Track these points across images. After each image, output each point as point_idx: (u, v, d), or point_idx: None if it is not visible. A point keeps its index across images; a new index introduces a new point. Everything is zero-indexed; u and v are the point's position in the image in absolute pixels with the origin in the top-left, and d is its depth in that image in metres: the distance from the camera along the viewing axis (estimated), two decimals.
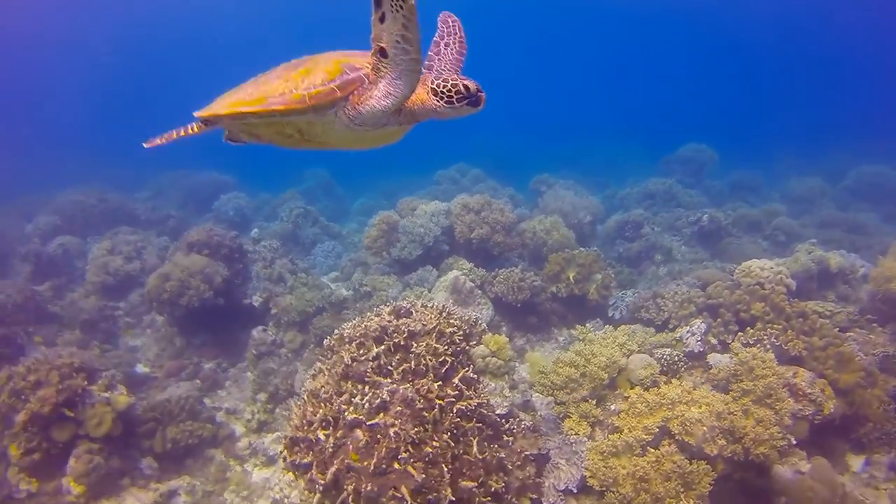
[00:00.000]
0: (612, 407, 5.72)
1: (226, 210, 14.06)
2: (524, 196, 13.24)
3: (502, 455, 4.79)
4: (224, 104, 2.54)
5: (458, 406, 4.81)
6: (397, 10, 1.86)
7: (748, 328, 6.48)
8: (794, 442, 5.37)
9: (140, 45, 46.11)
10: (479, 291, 8.20)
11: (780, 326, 6.32)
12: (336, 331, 5.65)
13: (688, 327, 6.56)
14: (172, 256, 8.94)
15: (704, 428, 4.95)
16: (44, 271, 10.39)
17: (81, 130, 38.14)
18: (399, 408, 4.52)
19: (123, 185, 16.49)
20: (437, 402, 4.64)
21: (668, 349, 6.24)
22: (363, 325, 5.54)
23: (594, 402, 5.77)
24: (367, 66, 2.30)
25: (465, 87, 2.33)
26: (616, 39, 52.60)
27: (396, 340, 5.27)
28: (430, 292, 8.34)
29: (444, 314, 5.81)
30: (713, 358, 6.17)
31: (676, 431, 4.98)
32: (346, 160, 22.70)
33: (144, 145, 2.82)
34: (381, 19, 1.93)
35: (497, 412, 5.97)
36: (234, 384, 8.23)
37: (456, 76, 2.40)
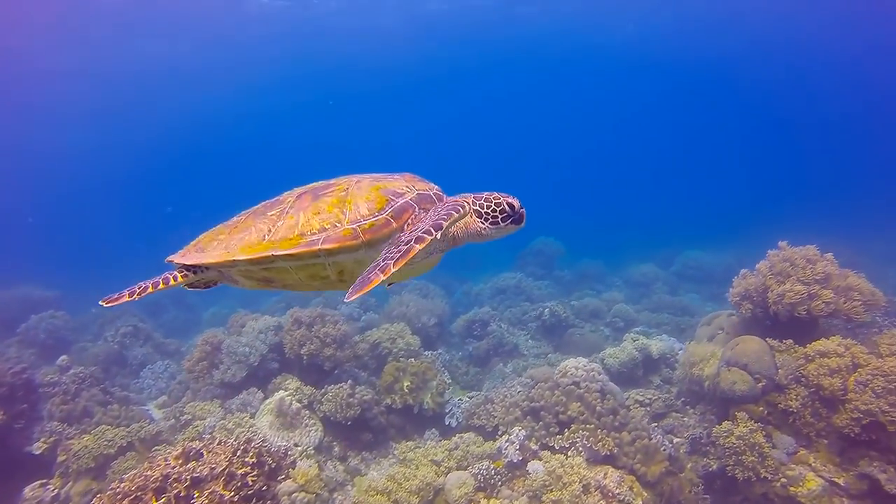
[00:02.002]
0: None
1: (36, 333, 12.21)
2: (376, 299, 13.13)
3: None
4: (237, 247, 2.11)
5: None
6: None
7: (566, 430, 6.58)
8: None
9: None
10: (308, 412, 7.63)
11: (592, 426, 6.48)
12: (112, 485, 4.86)
13: (507, 436, 6.49)
14: None
15: None
16: None
17: None
18: None
19: None
20: None
21: (487, 462, 6.09)
22: (143, 475, 4.83)
23: None
24: (408, 189, 2.11)
25: (510, 205, 2.17)
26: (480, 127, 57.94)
27: (177, 491, 4.61)
28: (252, 418, 7.62)
29: (240, 452, 5.25)
30: (532, 466, 6.11)
31: None
32: None
33: (103, 304, 2.31)
34: None
35: None
36: None
37: (497, 194, 2.21)
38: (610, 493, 5.74)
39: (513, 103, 50.91)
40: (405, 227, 2.05)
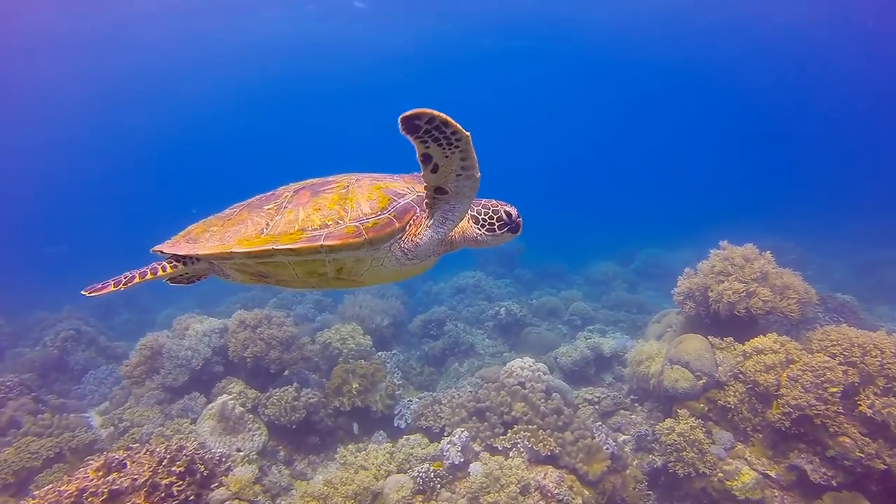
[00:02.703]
0: None
1: None
2: (332, 299, 12.96)
3: None
4: (233, 239, 2.00)
5: None
6: (454, 149, 1.63)
7: (509, 430, 6.57)
8: None
9: None
10: (252, 416, 7.44)
11: (534, 427, 6.48)
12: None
13: (448, 437, 6.44)
14: None
15: None
16: None
17: None
18: None
19: None
20: None
21: (427, 465, 6.02)
22: (57, 490, 4.59)
23: None
24: (409, 190, 2.03)
25: (508, 213, 2.13)
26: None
27: None
28: (193, 423, 7.38)
29: (167, 460, 5.06)
30: (473, 468, 6.07)
31: None
32: None
33: (86, 293, 2.12)
34: (434, 170, 1.72)
35: None
36: None
37: (495, 202, 2.16)
38: (549, 493, 5.74)
39: (475, 103, 50.98)
40: (407, 227, 2.02)
